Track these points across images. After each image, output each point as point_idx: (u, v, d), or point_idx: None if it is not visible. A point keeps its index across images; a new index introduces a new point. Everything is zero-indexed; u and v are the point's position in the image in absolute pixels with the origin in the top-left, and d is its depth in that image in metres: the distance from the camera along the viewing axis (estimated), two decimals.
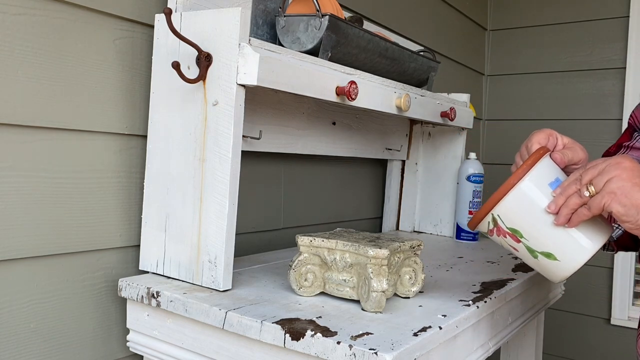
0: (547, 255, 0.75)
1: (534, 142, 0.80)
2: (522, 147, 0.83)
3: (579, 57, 2.22)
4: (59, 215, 0.89)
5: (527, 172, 0.74)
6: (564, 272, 0.75)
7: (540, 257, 0.75)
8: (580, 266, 0.74)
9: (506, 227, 0.75)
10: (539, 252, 0.75)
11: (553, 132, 0.81)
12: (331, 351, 0.69)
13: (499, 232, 0.77)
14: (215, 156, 0.86)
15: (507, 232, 0.76)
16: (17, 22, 0.82)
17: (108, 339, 0.98)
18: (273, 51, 0.88)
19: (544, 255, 0.75)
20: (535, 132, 0.81)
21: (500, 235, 0.77)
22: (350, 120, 1.42)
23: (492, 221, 0.76)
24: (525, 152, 0.81)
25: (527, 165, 0.74)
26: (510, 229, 0.75)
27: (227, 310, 0.79)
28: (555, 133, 0.81)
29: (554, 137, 0.81)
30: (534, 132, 0.82)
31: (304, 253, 0.88)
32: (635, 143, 0.95)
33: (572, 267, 0.74)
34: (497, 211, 0.75)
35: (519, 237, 0.75)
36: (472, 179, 1.51)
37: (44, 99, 0.86)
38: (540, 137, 0.80)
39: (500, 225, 0.76)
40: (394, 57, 1.21)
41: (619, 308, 2.11)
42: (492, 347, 0.99)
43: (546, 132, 0.81)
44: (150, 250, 0.96)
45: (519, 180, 0.74)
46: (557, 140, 0.81)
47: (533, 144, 0.80)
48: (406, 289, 0.90)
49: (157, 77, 0.95)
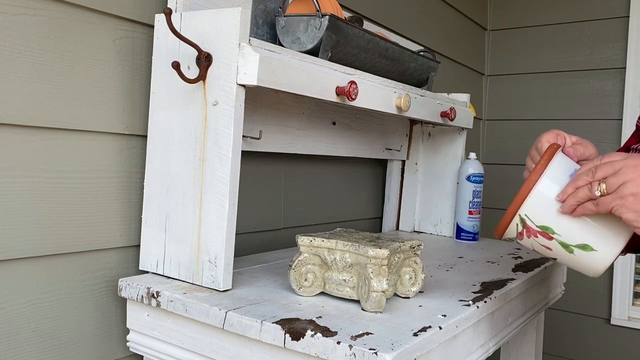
0: (583, 247, 0.73)
1: (543, 142, 0.81)
2: (531, 150, 0.84)
3: (579, 57, 2.22)
4: (59, 215, 0.89)
5: (545, 166, 0.73)
6: (603, 262, 0.73)
7: (576, 251, 0.73)
8: (618, 253, 0.72)
9: (536, 225, 0.74)
10: (574, 245, 0.73)
11: (560, 132, 0.82)
12: (331, 351, 0.69)
13: (529, 233, 0.75)
14: (215, 156, 0.86)
15: (537, 232, 0.74)
16: (17, 22, 0.82)
17: (108, 339, 0.98)
18: (273, 51, 0.88)
19: (579, 248, 0.73)
20: (544, 134, 0.83)
21: (531, 237, 0.75)
22: (350, 120, 1.42)
23: (520, 223, 0.75)
24: (535, 154, 0.82)
25: (544, 160, 0.74)
26: (541, 227, 0.74)
27: (227, 310, 0.79)
28: (563, 133, 0.82)
29: (562, 137, 0.82)
30: (542, 134, 0.83)
31: (304, 253, 0.88)
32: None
33: (611, 255, 0.72)
34: (524, 210, 0.74)
35: (551, 234, 0.74)
36: (472, 179, 1.51)
37: (44, 99, 0.86)
38: (549, 136, 0.81)
39: (530, 225, 0.74)
40: (394, 57, 1.21)
41: (619, 308, 2.11)
42: (492, 347, 0.99)
43: (554, 132, 0.82)
44: (150, 250, 0.96)
45: (539, 176, 0.73)
46: (565, 139, 0.82)
47: (543, 144, 0.81)
48: (406, 289, 0.90)
49: (157, 77, 0.95)
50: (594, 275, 0.76)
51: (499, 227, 0.77)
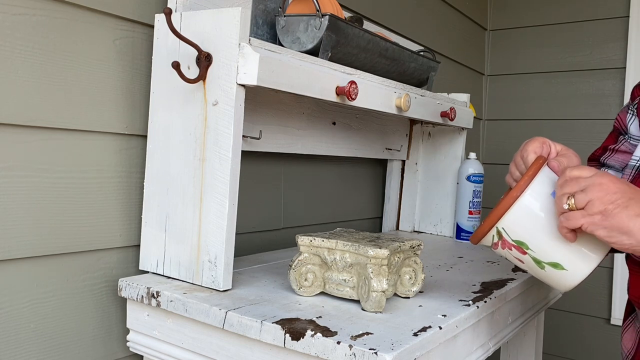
0: (554, 265, 0.74)
1: (529, 152, 0.80)
2: (515, 156, 0.83)
3: (579, 57, 2.22)
4: (58, 215, 0.89)
5: (529, 183, 0.73)
6: (572, 281, 0.74)
7: (547, 268, 0.74)
8: (588, 274, 0.73)
9: (512, 239, 0.74)
10: (545, 262, 0.74)
11: (546, 140, 0.81)
12: (331, 351, 0.69)
13: (504, 245, 0.76)
14: (215, 156, 0.86)
15: (512, 245, 0.75)
16: (17, 22, 0.82)
17: (108, 339, 0.98)
18: (273, 51, 0.88)
19: (551, 266, 0.74)
20: (529, 141, 0.81)
21: (505, 248, 0.76)
22: (350, 120, 1.42)
23: (496, 234, 0.75)
24: (520, 161, 0.81)
25: (528, 176, 0.73)
26: (516, 242, 0.74)
27: (227, 310, 0.79)
28: (548, 141, 0.81)
29: (547, 145, 0.81)
30: (527, 142, 0.82)
31: (304, 253, 0.88)
32: (621, 146, 0.94)
33: (580, 276, 0.73)
34: (502, 224, 0.74)
35: (525, 249, 0.74)
36: (472, 179, 1.51)
37: (44, 99, 0.86)
38: (534, 145, 0.80)
39: (506, 238, 0.75)
40: (394, 57, 1.21)
41: (619, 308, 2.11)
42: (492, 347, 0.99)
43: (539, 141, 0.81)
44: (150, 250, 0.96)
45: (522, 192, 0.73)
46: (550, 147, 0.81)
47: (529, 154, 0.80)
48: (406, 289, 0.90)
49: (157, 77, 0.95)
50: (562, 291, 0.77)
51: (476, 234, 0.77)
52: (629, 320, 0.94)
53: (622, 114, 0.95)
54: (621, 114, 0.95)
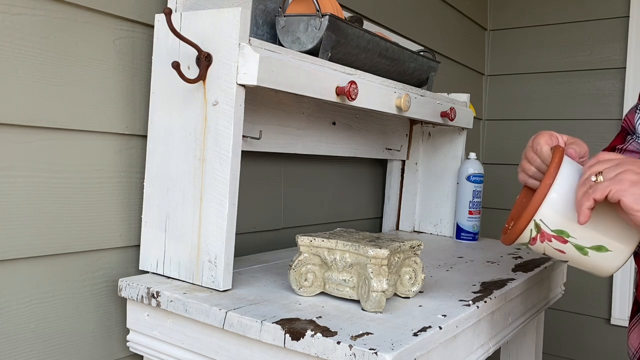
0: (598, 248, 0.73)
1: (542, 144, 0.81)
2: (527, 152, 0.83)
3: (579, 57, 2.22)
4: (59, 215, 0.89)
5: (557, 170, 0.73)
6: (617, 262, 0.73)
7: (590, 253, 0.73)
8: (631, 252, 0.72)
9: (551, 230, 0.74)
10: (588, 247, 0.73)
11: (553, 132, 0.82)
12: (331, 351, 0.69)
13: (542, 238, 0.75)
14: (215, 156, 0.86)
15: (552, 236, 0.74)
16: (17, 22, 0.82)
17: (108, 339, 0.98)
18: (273, 51, 0.88)
19: (594, 250, 0.73)
20: (538, 136, 0.82)
21: (544, 241, 0.75)
22: (350, 120, 1.42)
23: (534, 228, 0.74)
24: (534, 156, 0.82)
25: (555, 163, 0.73)
26: (556, 231, 0.73)
27: (227, 310, 0.79)
28: (555, 133, 0.82)
29: (554, 137, 0.82)
30: (536, 136, 0.82)
31: (304, 253, 0.88)
32: (629, 146, 0.95)
33: (624, 255, 0.72)
34: (540, 215, 0.73)
35: (566, 237, 0.73)
36: (472, 179, 1.51)
37: (44, 99, 0.86)
38: (545, 138, 0.81)
39: (545, 230, 0.74)
40: (394, 57, 1.21)
41: (619, 308, 2.11)
42: (492, 347, 0.99)
43: (547, 133, 0.82)
44: (150, 250, 0.96)
45: (554, 179, 0.73)
46: (558, 139, 0.82)
47: (542, 146, 0.80)
48: (406, 289, 0.90)
49: (157, 77, 0.95)
50: (605, 276, 0.77)
51: (512, 233, 0.75)
52: (636, 319, 0.94)
53: (630, 114, 0.96)
54: (629, 114, 0.96)
